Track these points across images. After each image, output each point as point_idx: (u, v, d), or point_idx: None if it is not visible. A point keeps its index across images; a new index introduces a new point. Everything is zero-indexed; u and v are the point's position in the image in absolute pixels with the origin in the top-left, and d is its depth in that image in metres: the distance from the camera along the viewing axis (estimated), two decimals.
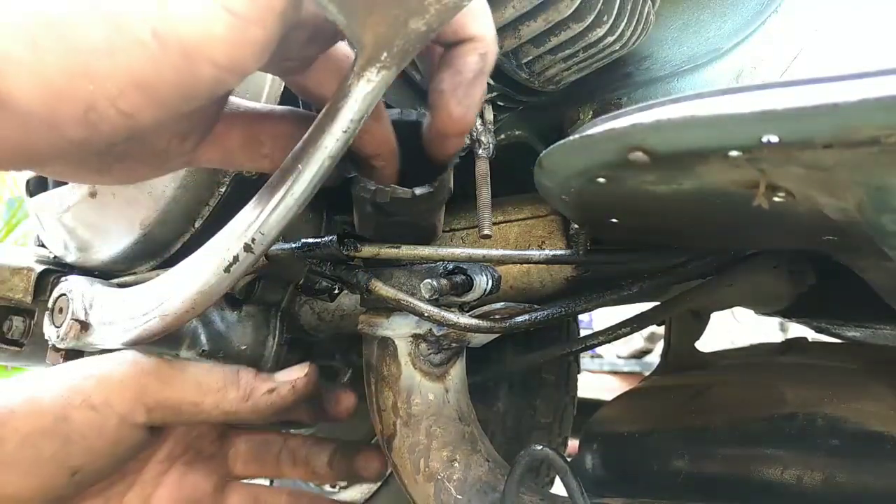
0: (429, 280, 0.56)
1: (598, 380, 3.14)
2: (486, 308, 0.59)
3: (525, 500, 0.58)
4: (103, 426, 0.54)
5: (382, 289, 0.58)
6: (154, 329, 0.54)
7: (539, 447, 0.55)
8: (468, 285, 0.58)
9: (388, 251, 0.58)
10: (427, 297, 0.56)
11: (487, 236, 0.60)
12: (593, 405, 1.02)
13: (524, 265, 0.69)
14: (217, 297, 0.51)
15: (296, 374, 0.62)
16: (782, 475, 0.67)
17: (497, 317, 0.59)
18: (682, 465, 0.75)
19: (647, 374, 1.37)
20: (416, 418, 0.61)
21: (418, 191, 0.52)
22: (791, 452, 0.68)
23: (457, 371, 0.63)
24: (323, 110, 0.45)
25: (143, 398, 0.55)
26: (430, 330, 0.60)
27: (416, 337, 0.60)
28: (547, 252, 0.61)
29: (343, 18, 0.39)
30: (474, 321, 0.58)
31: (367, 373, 0.64)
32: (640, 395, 0.97)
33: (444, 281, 0.56)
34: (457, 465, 0.60)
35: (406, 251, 0.58)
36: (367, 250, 0.58)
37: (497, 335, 0.61)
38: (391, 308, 0.61)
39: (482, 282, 0.58)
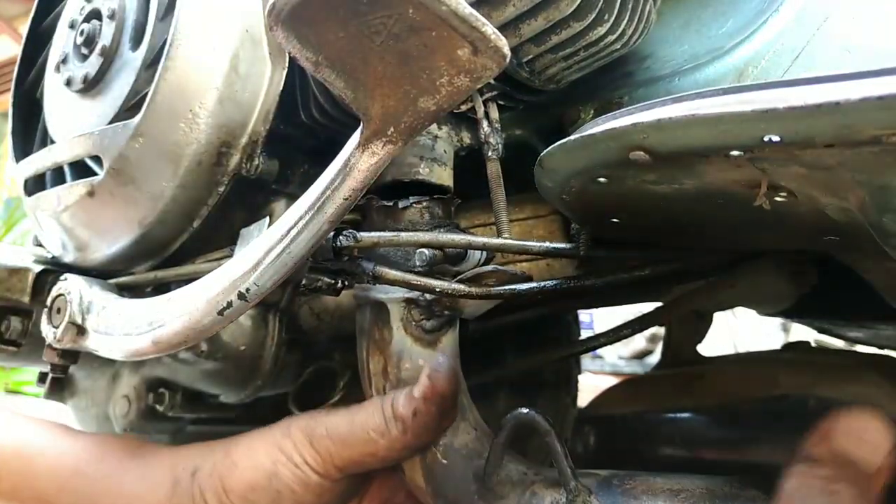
0: (422, 249, 0.58)
1: (600, 381, 3.14)
2: (476, 270, 0.60)
3: (510, 467, 0.58)
4: (307, 482, 0.60)
5: (389, 273, 0.58)
6: (146, 351, 0.56)
7: (525, 410, 0.55)
8: (462, 255, 0.60)
9: (387, 239, 0.58)
10: (419, 264, 0.58)
11: None
12: None
13: (525, 265, 0.69)
14: (209, 335, 0.54)
15: (423, 382, 0.58)
16: (772, 455, 0.67)
17: (491, 282, 0.59)
18: (671, 446, 0.75)
19: None
20: (406, 383, 0.61)
21: None
22: (781, 433, 0.67)
23: (449, 340, 0.63)
24: (328, 176, 0.46)
25: (333, 461, 0.60)
26: (423, 294, 0.60)
27: (408, 302, 0.61)
28: (547, 244, 0.61)
29: (350, 93, 0.40)
30: (485, 290, 0.58)
31: (360, 337, 0.65)
32: (634, 383, 0.97)
33: (437, 251, 0.58)
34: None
35: (406, 238, 0.58)
36: (367, 240, 0.58)
37: (499, 301, 0.62)
38: None
39: (476, 253, 0.61)
